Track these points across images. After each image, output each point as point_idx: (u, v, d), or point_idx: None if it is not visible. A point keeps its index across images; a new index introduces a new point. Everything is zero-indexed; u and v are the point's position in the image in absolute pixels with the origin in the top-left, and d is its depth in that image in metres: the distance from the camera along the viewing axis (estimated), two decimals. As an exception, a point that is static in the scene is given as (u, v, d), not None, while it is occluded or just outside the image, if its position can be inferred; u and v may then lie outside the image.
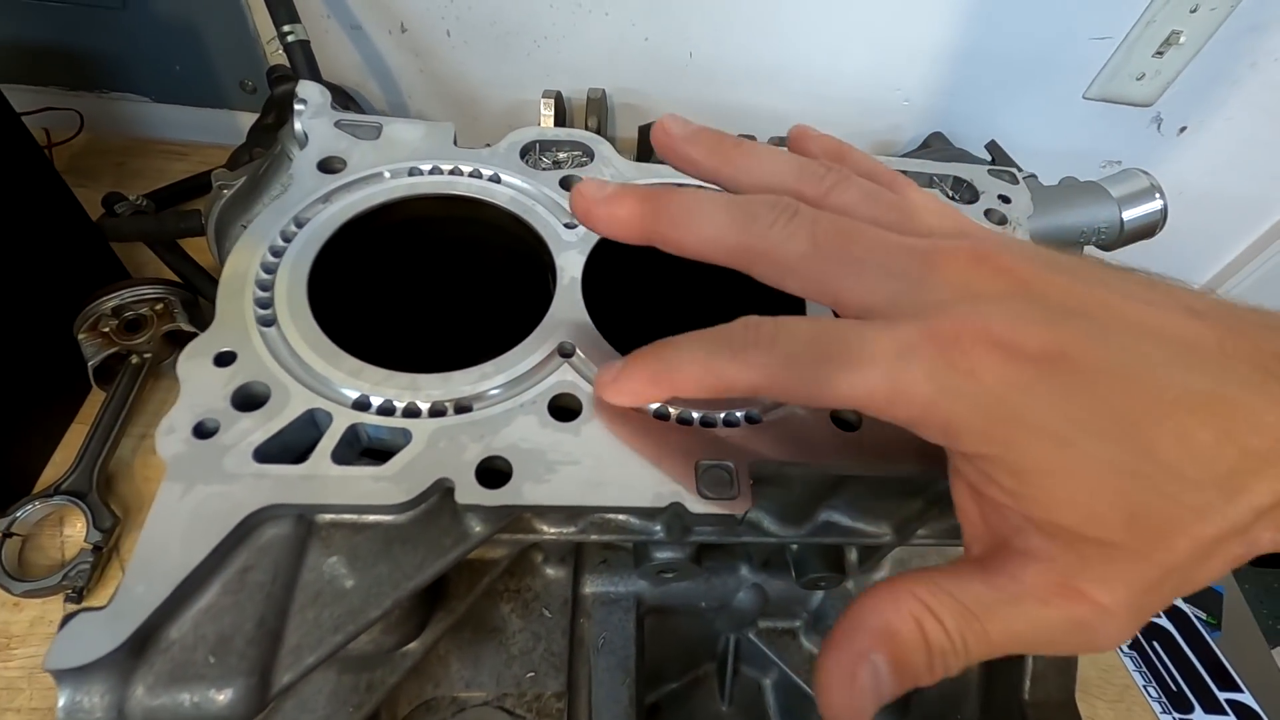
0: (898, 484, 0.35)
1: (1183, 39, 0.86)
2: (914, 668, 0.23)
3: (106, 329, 0.69)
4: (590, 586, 0.44)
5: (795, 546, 0.43)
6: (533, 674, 0.39)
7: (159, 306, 0.71)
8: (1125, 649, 0.72)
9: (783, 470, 0.31)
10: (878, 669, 0.22)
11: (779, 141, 0.88)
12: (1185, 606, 0.76)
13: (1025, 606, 0.23)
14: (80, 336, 0.69)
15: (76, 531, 0.63)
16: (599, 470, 0.29)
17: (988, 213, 0.43)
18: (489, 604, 0.41)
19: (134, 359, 0.70)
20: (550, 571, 0.42)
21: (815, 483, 0.35)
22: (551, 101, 0.84)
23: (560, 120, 0.86)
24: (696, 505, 0.29)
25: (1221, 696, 0.70)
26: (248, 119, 0.93)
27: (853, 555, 0.44)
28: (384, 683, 0.35)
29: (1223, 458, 0.21)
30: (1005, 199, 0.44)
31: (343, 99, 0.91)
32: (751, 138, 0.89)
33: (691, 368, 0.26)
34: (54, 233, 0.69)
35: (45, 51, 0.90)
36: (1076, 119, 0.95)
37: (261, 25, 0.87)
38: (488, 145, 0.41)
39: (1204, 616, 0.76)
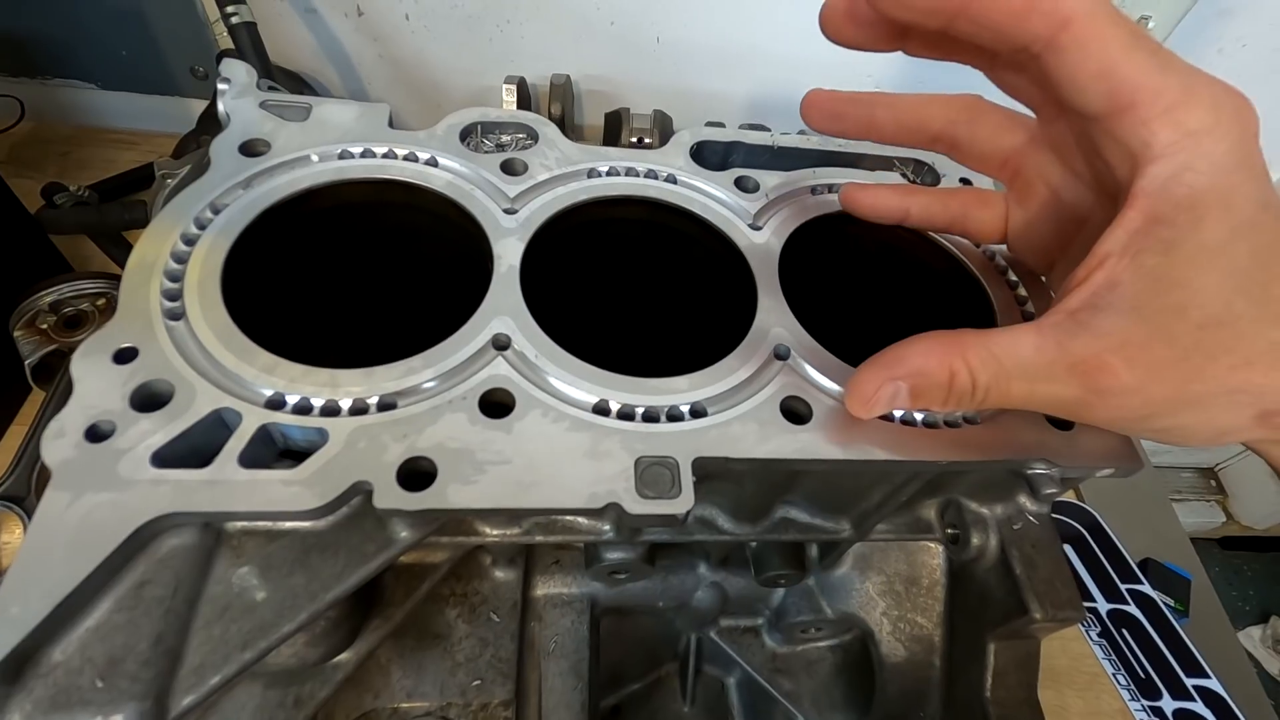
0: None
1: (1152, 24, 0.86)
2: (930, 400, 0.27)
3: (45, 325, 0.66)
4: (541, 588, 0.42)
5: (754, 544, 0.41)
6: (479, 682, 0.38)
7: (100, 302, 0.67)
8: (1094, 637, 0.72)
9: (728, 465, 0.29)
10: (899, 391, 0.27)
11: (750, 126, 0.87)
12: (1154, 593, 0.76)
13: (1054, 379, 0.26)
14: (16, 334, 0.65)
15: (15, 538, 0.60)
16: (531, 470, 0.27)
17: (949, 197, 0.42)
18: (433, 609, 0.39)
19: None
20: (499, 574, 0.41)
21: (767, 478, 0.33)
22: (514, 88, 0.82)
23: (524, 106, 0.84)
24: (635, 505, 0.27)
25: (1189, 683, 0.70)
26: (199, 106, 0.90)
27: (813, 551, 0.42)
28: (314, 696, 0.33)
29: None
30: (966, 182, 0.43)
31: (298, 85, 0.88)
32: (720, 124, 0.88)
33: None
34: (-15, 225, 0.66)
35: (-19, 36, 0.86)
36: (1048, 105, 0.94)
37: (211, 9, 0.83)
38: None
39: (1172, 603, 0.76)
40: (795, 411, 0.31)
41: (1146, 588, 0.76)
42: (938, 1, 0.25)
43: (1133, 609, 0.74)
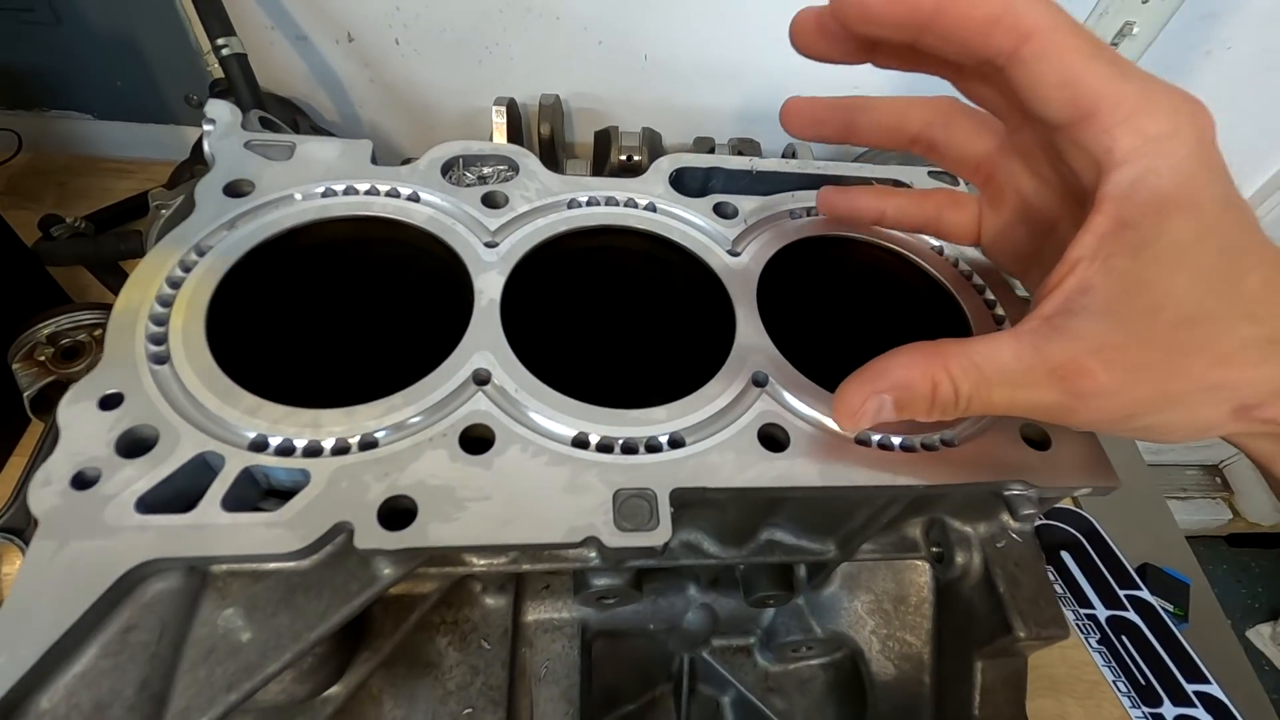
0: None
1: (1136, 30, 0.86)
2: (915, 411, 0.27)
3: (43, 357, 0.67)
4: (532, 614, 0.42)
5: (742, 566, 0.42)
6: (470, 710, 0.38)
7: (97, 332, 0.68)
8: (1093, 644, 0.72)
9: (706, 495, 0.30)
10: (884, 404, 0.27)
11: (739, 143, 0.87)
12: (1152, 599, 0.75)
13: (1035, 385, 0.26)
14: (15, 366, 0.66)
15: (15, 570, 0.60)
16: (511, 505, 0.28)
17: (927, 217, 0.42)
18: (424, 637, 0.39)
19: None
20: (489, 601, 0.41)
21: (748, 504, 0.34)
22: (503, 109, 0.83)
23: (514, 127, 0.85)
24: (613, 538, 0.27)
25: (1190, 689, 0.70)
26: (194, 133, 0.91)
27: (801, 571, 0.43)
28: (305, 730, 0.33)
29: None
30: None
31: (290, 111, 0.89)
32: (710, 139, 0.87)
33: None
34: (-17, 260, 0.67)
35: (-23, 70, 0.87)
36: (1035, 112, 0.94)
37: (203, 38, 0.85)
38: (407, 162, 0.39)
39: (1171, 609, 0.76)
40: (773, 438, 0.32)
41: (1145, 594, 0.76)
42: (903, 17, 0.26)
43: (1132, 615, 0.74)
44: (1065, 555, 0.78)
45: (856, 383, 0.28)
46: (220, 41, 0.68)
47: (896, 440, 0.32)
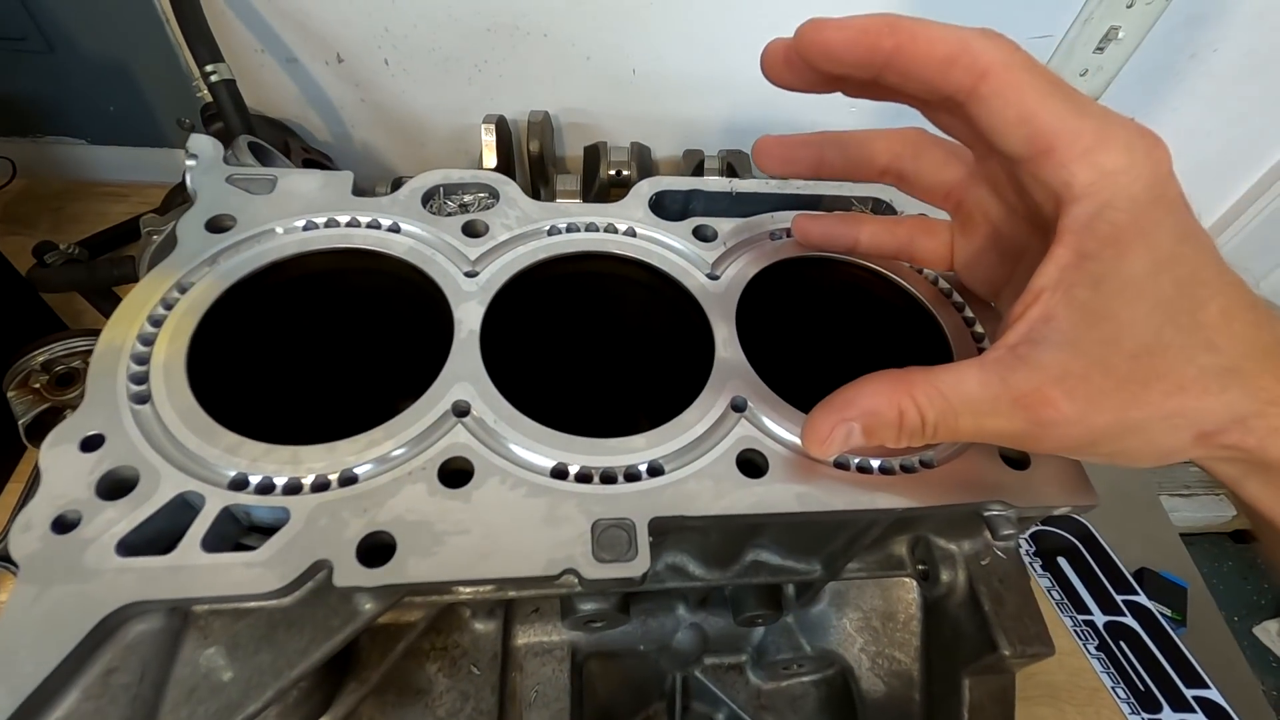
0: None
1: (1122, 34, 0.86)
2: (882, 438, 0.28)
3: (37, 385, 0.67)
4: (522, 638, 0.42)
5: (729, 586, 0.42)
6: (460, 736, 0.38)
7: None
8: (1092, 650, 0.72)
9: (685, 523, 0.30)
10: (852, 432, 0.28)
11: (728, 155, 0.87)
12: (1150, 604, 0.75)
13: (999, 413, 0.26)
14: (10, 394, 0.66)
15: (12, 597, 0.61)
16: (489, 539, 0.28)
17: (907, 234, 0.42)
18: (413, 664, 0.39)
19: (68, 414, 0.68)
20: (478, 626, 0.41)
21: (730, 529, 0.34)
22: (492, 127, 0.83)
23: (504, 144, 0.85)
24: (591, 570, 0.28)
25: (1189, 694, 0.70)
26: (186, 157, 0.92)
27: (789, 590, 0.43)
28: (293, 763, 0.33)
29: (1256, 341, 0.25)
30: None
31: (282, 133, 0.90)
32: (699, 152, 0.87)
33: (938, 30, 0.26)
34: (-23, 289, 0.67)
35: (-30, 99, 0.88)
36: (1023, 117, 0.95)
37: (194, 63, 0.86)
38: (398, 182, 0.39)
39: (1169, 613, 0.75)
40: (752, 463, 0.32)
41: (1142, 598, 0.76)
42: (863, 57, 0.27)
43: (1129, 620, 0.74)
44: (1062, 561, 0.78)
45: (824, 411, 0.28)
46: (209, 68, 0.69)
47: (875, 463, 0.32)
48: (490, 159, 0.83)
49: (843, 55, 0.27)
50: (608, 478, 0.31)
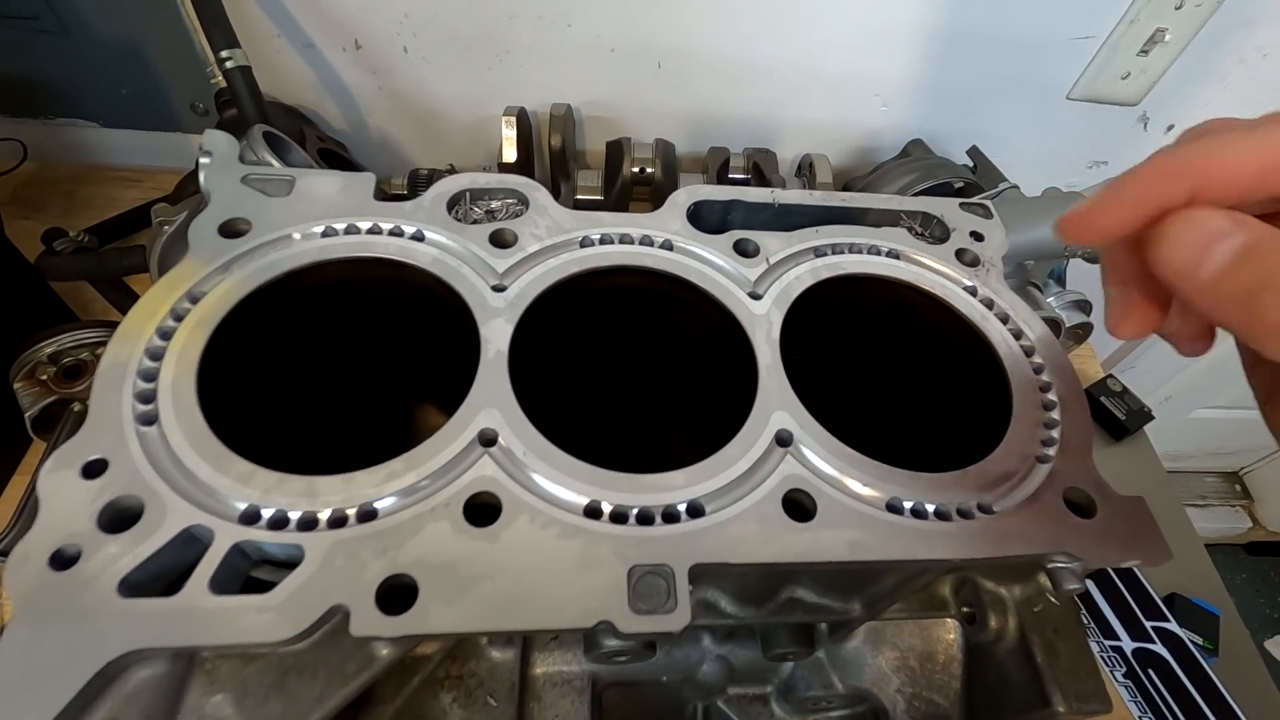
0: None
1: (1168, 36, 0.83)
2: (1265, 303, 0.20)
3: (44, 376, 0.66)
4: (540, 667, 0.40)
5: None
6: (475, 772, 0.36)
7: (100, 350, 0.67)
8: (1119, 678, 0.70)
9: (727, 570, 0.28)
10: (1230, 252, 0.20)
11: (754, 153, 0.85)
12: (1181, 632, 0.73)
13: None
14: (16, 385, 0.65)
15: (16, 594, 0.59)
16: (518, 584, 0.26)
17: (959, 253, 0.40)
18: (428, 694, 0.38)
19: (75, 406, 0.66)
20: (495, 654, 0.39)
21: (771, 572, 0.32)
22: (513, 120, 0.81)
23: (524, 137, 0.83)
24: (628, 623, 0.25)
25: (1220, 727, 0.68)
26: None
27: (823, 626, 0.41)
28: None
29: None
30: (978, 236, 0.41)
31: (298, 121, 0.88)
32: (724, 149, 0.85)
33: (1237, 145, 0.21)
34: (-16, 277, 0.65)
35: (-17, 79, 0.86)
36: (1061, 120, 0.91)
37: (209, 48, 0.83)
38: (400, 184, 0.37)
39: (1200, 642, 0.73)
40: (799, 504, 0.30)
41: (1173, 626, 0.73)
42: (1150, 217, 0.22)
43: (1159, 648, 0.72)
44: (1089, 584, 0.76)
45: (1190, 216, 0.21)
46: (224, 54, 0.67)
47: (930, 507, 0.30)
48: (510, 152, 0.81)
49: (1131, 229, 0.22)
50: (644, 518, 0.28)
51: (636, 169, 0.83)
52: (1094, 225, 0.22)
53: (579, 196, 0.84)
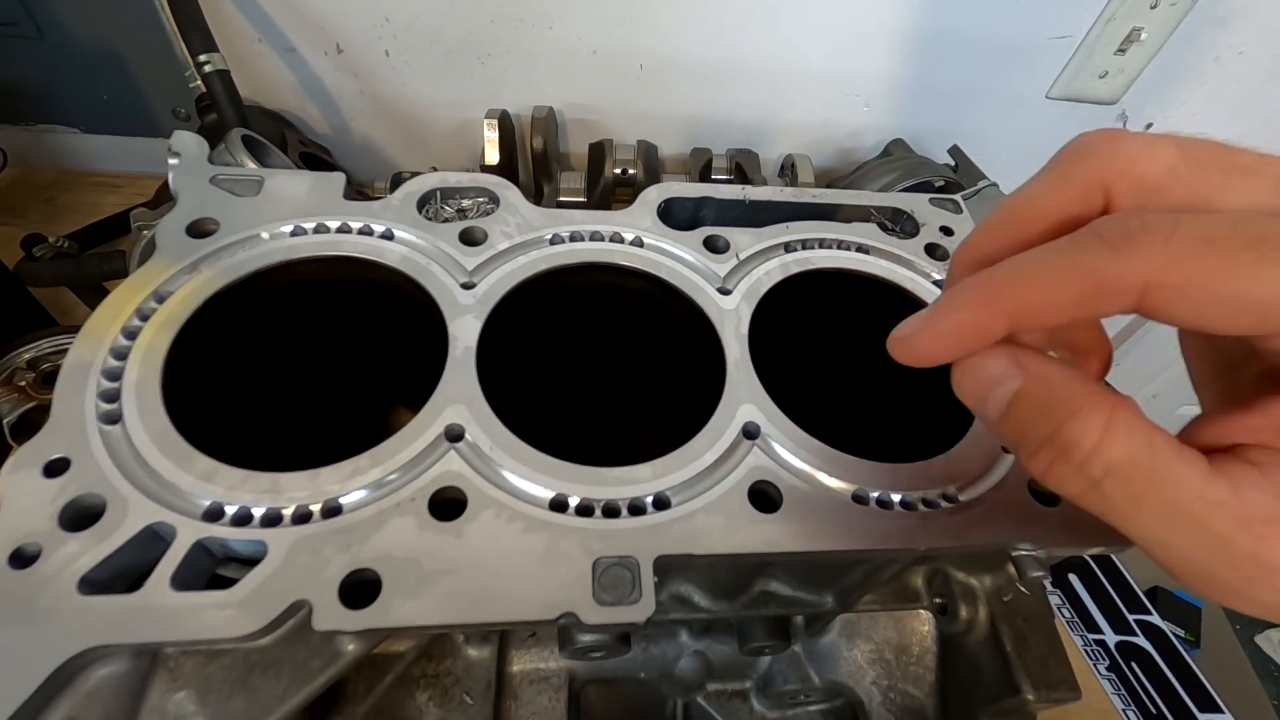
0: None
1: (1144, 35, 0.84)
2: (1031, 427, 0.21)
3: (23, 382, 0.65)
4: (517, 664, 0.40)
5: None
6: (450, 771, 0.36)
7: (79, 357, 0.67)
8: (1102, 671, 0.70)
9: (692, 562, 0.28)
10: (1004, 395, 0.22)
11: (736, 154, 0.85)
12: (1163, 624, 0.73)
13: (1210, 519, 0.19)
14: (-6, 392, 0.65)
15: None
16: (482, 579, 0.26)
17: (929, 248, 0.40)
18: (403, 693, 0.38)
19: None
20: (472, 652, 0.39)
21: (739, 564, 0.32)
22: (495, 122, 0.81)
23: (506, 140, 0.83)
24: (592, 614, 0.26)
25: (1201, 717, 0.68)
26: (182, 148, 0.89)
27: (798, 619, 0.41)
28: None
29: None
30: (948, 231, 0.41)
31: (279, 125, 0.88)
32: (707, 150, 0.85)
33: (1049, 273, 0.20)
34: (-39, 283, 0.65)
35: (-41, 85, 0.85)
36: (1040, 119, 0.92)
37: (187, 52, 0.83)
38: (385, 188, 0.37)
39: (1182, 634, 0.74)
40: (765, 496, 0.30)
41: (1156, 618, 0.74)
42: (973, 348, 0.22)
43: (1142, 641, 0.72)
44: (1073, 578, 0.76)
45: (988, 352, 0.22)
46: (202, 58, 0.67)
47: (896, 497, 0.30)
48: (493, 155, 0.81)
49: (951, 357, 0.22)
50: (610, 511, 0.28)
51: (619, 170, 0.83)
52: (917, 355, 0.22)
53: (562, 198, 0.84)
